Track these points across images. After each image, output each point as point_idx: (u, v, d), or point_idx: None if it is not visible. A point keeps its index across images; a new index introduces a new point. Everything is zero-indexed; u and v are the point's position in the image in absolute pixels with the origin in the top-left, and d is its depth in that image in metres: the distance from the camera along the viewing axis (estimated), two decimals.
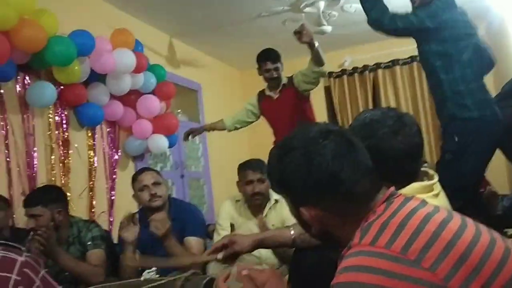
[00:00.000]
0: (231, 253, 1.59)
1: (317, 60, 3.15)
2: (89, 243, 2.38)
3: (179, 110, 4.78)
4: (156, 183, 2.46)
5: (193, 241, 2.38)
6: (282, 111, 3.43)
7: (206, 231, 2.68)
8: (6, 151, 2.78)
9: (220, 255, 1.57)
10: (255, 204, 2.64)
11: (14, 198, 2.78)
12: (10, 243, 0.75)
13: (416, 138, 1.24)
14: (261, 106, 3.61)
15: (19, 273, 0.67)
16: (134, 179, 2.51)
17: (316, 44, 3.07)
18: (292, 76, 3.45)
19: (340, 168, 0.92)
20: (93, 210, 3.34)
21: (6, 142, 2.78)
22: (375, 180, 0.97)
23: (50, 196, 2.37)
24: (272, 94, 3.52)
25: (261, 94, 3.63)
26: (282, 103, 3.45)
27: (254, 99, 3.66)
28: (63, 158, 3.15)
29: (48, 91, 2.89)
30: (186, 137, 3.65)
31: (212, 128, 3.79)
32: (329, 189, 0.93)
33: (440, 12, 2.56)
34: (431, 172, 1.31)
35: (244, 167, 2.61)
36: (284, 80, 3.46)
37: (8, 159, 2.78)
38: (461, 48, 2.55)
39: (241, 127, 3.79)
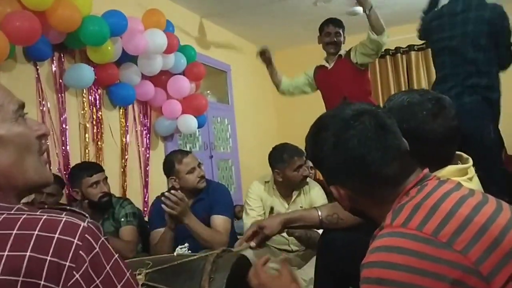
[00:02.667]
0: (263, 239, 1.63)
1: (372, 25, 2.98)
2: (122, 219, 2.46)
3: (208, 91, 4.80)
4: (199, 164, 2.50)
5: (220, 220, 2.37)
6: (335, 82, 3.35)
7: (233, 211, 2.71)
8: None
9: (253, 243, 1.62)
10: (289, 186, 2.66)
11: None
12: (74, 209, 0.78)
13: (454, 121, 1.23)
14: (316, 77, 3.54)
15: (80, 238, 0.69)
16: (178, 162, 2.44)
17: (370, 6, 2.90)
18: (351, 48, 3.34)
19: (367, 151, 0.93)
20: (125, 187, 3.43)
21: (44, 121, 2.87)
22: (407, 163, 0.97)
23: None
24: (327, 64, 3.44)
25: (317, 67, 3.56)
26: (336, 74, 3.36)
27: (311, 71, 3.58)
28: (96, 137, 3.23)
29: (86, 73, 2.95)
30: (259, 54, 3.53)
31: (273, 71, 3.59)
32: (356, 171, 0.95)
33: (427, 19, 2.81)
34: (465, 155, 1.29)
35: (292, 154, 2.56)
36: (342, 52, 3.37)
37: (47, 138, 2.86)
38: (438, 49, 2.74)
39: (294, 93, 3.66)
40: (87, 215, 0.75)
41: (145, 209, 3.47)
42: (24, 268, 0.65)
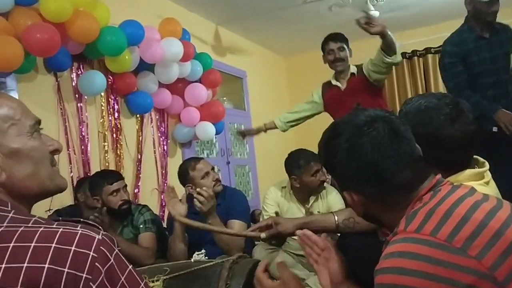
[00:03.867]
0: (274, 233, 1.63)
1: (388, 49, 2.73)
2: (141, 226, 2.48)
3: (224, 98, 4.83)
4: (213, 169, 2.53)
5: (236, 224, 2.38)
6: (350, 103, 2.91)
7: (250, 216, 2.72)
8: (66, 138, 2.92)
9: (263, 234, 1.62)
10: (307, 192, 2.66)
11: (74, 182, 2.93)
12: (88, 221, 0.81)
13: (472, 126, 1.21)
14: (326, 98, 3.19)
15: (96, 250, 0.72)
16: (191, 169, 2.46)
17: (389, 32, 2.66)
18: (361, 64, 3.03)
19: (380, 158, 0.93)
20: (138, 192, 3.46)
21: (66, 129, 2.93)
22: (420, 170, 0.96)
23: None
24: (339, 84, 3.10)
25: (326, 84, 3.22)
26: (350, 94, 3.01)
27: (319, 91, 3.26)
28: (115, 144, 3.28)
29: (98, 80, 2.99)
30: (241, 135, 3.64)
31: (267, 128, 3.51)
32: (369, 177, 0.95)
33: None
34: (482, 159, 1.28)
35: (309, 159, 2.57)
36: (353, 69, 3.06)
37: (68, 146, 2.93)
38: None
39: (298, 124, 3.47)
40: (100, 227, 0.77)
41: (162, 214, 3.50)
42: (43, 280, 0.68)
